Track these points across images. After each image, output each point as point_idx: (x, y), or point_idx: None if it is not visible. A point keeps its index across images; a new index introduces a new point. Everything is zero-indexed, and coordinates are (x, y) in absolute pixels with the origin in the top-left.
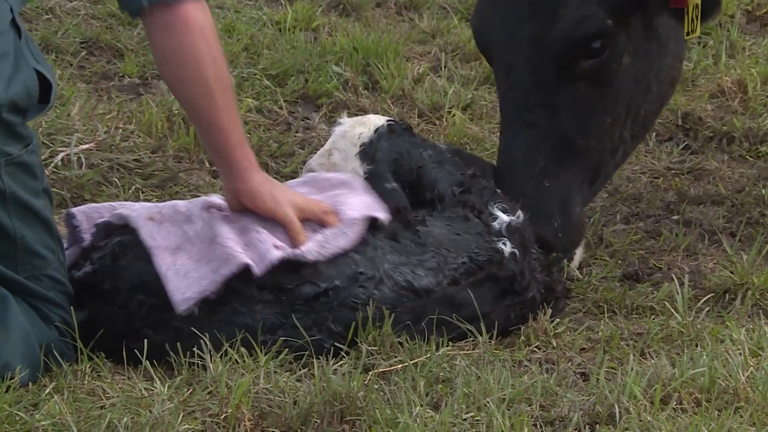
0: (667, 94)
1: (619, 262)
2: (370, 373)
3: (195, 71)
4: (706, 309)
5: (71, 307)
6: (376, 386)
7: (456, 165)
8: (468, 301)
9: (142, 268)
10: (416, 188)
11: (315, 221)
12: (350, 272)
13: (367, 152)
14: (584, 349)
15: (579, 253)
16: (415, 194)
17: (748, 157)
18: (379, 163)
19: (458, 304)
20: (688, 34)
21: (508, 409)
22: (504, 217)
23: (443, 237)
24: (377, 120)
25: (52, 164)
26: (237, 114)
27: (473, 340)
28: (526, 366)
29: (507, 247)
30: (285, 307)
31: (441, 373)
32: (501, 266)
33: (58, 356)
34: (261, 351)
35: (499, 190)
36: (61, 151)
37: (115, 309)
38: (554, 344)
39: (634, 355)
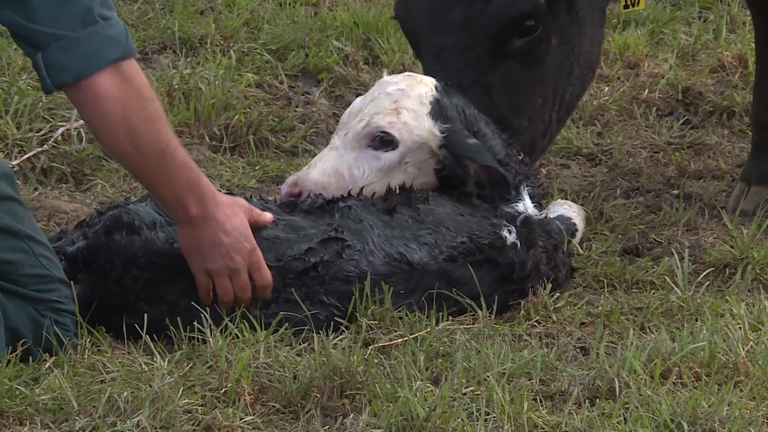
0: (588, 78)
1: (620, 236)
2: (370, 347)
3: (111, 143)
4: (706, 283)
5: (69, 285)
6: (376, 361)
7: (498, 134)
8: (466, 278)
9: (136, 242)
10: None
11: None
12: (337, 247)
13: (438, 111)
14: (584, 323)
15: (580, 229)
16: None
17: (748, 131)
18: (453, 120)
19: (455, 280)
20: (626, 6)
21: (508, 384)
22: (528, 206)
23: (445, 216)
24: (429, 79)
25: (52, 139)
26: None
27: (473, 315)
28: (526, 340)
29: (511, 236)
30: (277, 281)
31: (441, 348)
32: (502, 252)
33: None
34: (260, 326)
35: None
36: (62, 126)
37: (110, 284)
38: (554, 319)
39: (634, 329)
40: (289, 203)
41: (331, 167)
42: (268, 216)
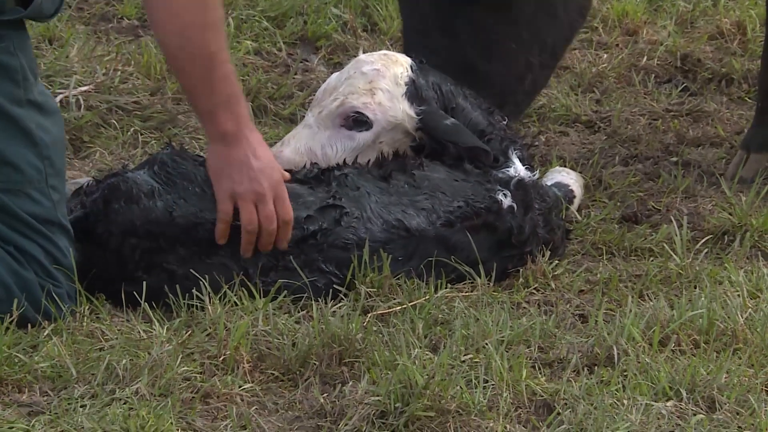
0: (577, 23)
1: (618, 204)
2: (369, 315)
3: (161, 36)
4: (705, 251)
5: (71, 236)
6: (374, 328)
7: (477, 105)
8: (464, 243)
9: (134, 211)
10: None
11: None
12: (336, 214)
13: (413, 92)
14: (583, 291)
15: (578, 196)
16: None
17: (746, 98)
18: (429, 101)
19: (453, 246)
20: None
21: (507, 351)
22: (519, 168)
23: (440, 182)
24: (403, 57)
25: None
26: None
27: (471, 283)
28: (524, 308)
29: (506, 199)
30: (275, 249)
31: (440, 315)
32: (499, 216)
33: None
34: (258, 294)
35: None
36: (60, 93)
37: (108, 253)
38: (553, 286)
39: (632, 296)
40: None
41: (304, 146)
42: (285, 174)
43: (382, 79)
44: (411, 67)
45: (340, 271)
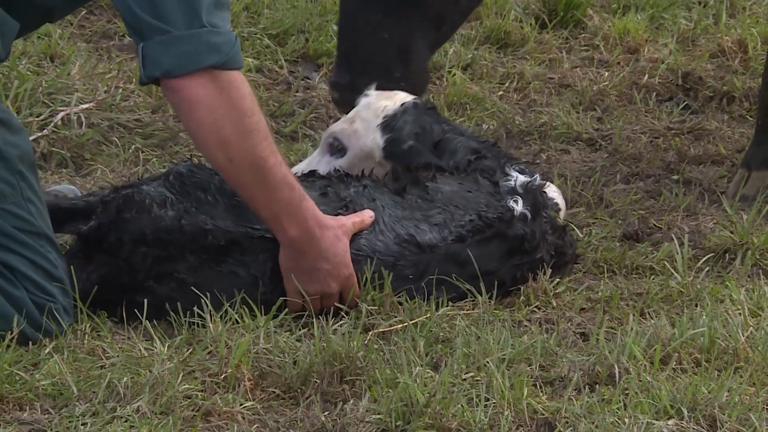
0: None
1: (619, 222)
2: (370, 333)
3: (205, 151)
4: (706, 269)
5: (57, 247)
6: (375, 346)
7: (476, 138)
8: (475, 257)
9: (145, 220)
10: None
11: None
12: None
13: (389, 124)
14: (584, 309)
15: (563, 208)
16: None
17: (748, 116)
18: (398, 131)
19: (463, 261)
20: None
21: (508, 369)
22: (520, 177)
23: (453, 194)
24: (404, 96)
25: (52, 123)
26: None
27: (473, 300)
28: (525, 326)
29: (518, 206)
30: None
31: (441, 333)
32: (510, 224)
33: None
34: (261, 310)
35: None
36: (62, 111)
37: (120, 262)
38: (554, 304)
39: (633, 315)
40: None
41: (305, 168)
42: (369, 216)
43: (366, 110)
44: (402, 104)
45: None
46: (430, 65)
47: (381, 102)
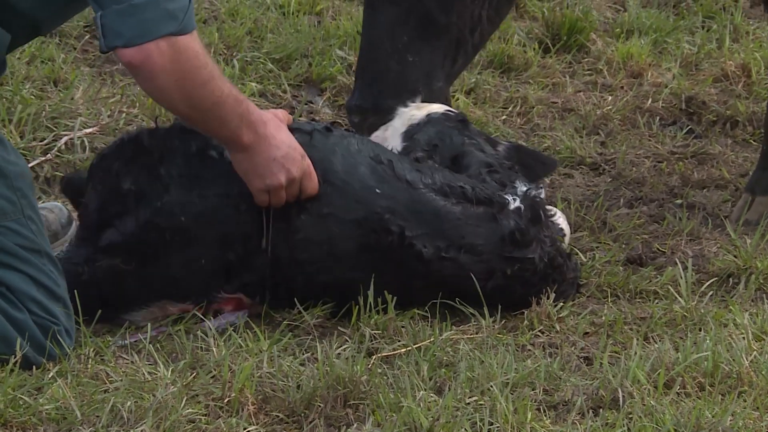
0: None
1: (623, 246)
2: (374, 357)
3: (167, 106)
4: (710, 293)
5: (58, 266)
6: (379, 370)
7: (495, 156)
8: (451, 216)
9: None
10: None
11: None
12: None
13: (410, 132)
14: (588, 333)
15: (568, 234)
16: None
17: (751, 141)
18: (416, 142)
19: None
20: None
21: (512, 394)
22: (522, 186)
23: (446, 172)
24: (436, 108)
25: (56, 148)
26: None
27: (476, 325)
28: (529, 350)
29: (514, 202)
30: None
31: (444, 358)
32: (502, 210)
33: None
34: (264, 335)
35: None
36: (65, 135)
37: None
38: (557, 328)
39: (637, 339)
40: None
41: None
42: (289, 116)
43: (399, 119)
44: (428, 114)
45: None
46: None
47: (412, 111)
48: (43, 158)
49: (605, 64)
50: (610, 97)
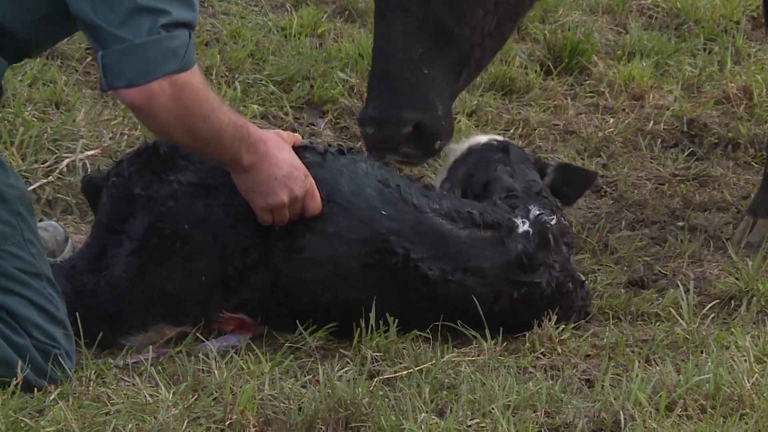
0: (525, 2)
1: (625, 268)
2: (375, 379)
3: (167, 139)
4: (712, 315)
5: (58, 289)
6: (380, 392)
7: (529, 181)
8: (457, 239)
9: None
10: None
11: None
12: None
13: (453, 168)
14: (589, 355)
15: None
16: None
17: (753, 163)
18: (450, 179)
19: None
20: None
21: (513, 416)
22: (535, 210)
23: (455, 199)
24: (479, 138)
25: (58, 170)
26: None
27: (478, 347)
28: (531, 372)
29: (523, 225)
30: None
31: (446, 380)
32: (510, 234)
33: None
34: (265, 357)
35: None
36: (67, 158)
37: None
38: (559, 351)
39: (639, 361)
40: None
41: None
42: (297, 136)
43: (453, 153)
44: (470, 146)
45: None
46: None
47: (458, 145)
48: (45, 180)
49: (607, 86)
50: (611, 120)
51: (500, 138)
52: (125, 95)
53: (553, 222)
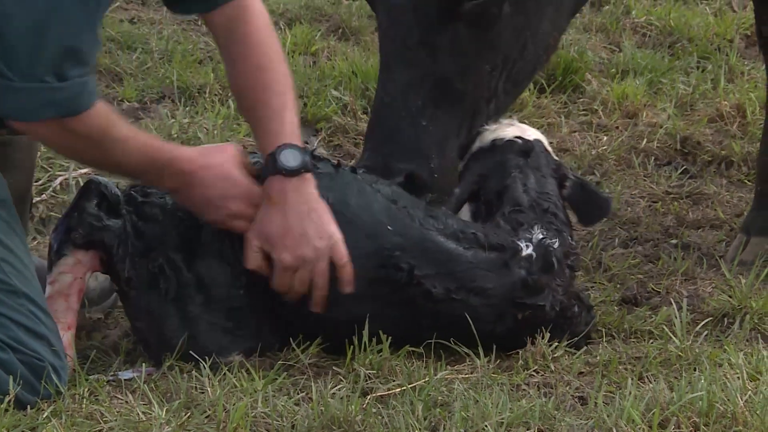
0: (541, 59)
1: (618, 286)
2: (368, 396)
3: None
4: (705, 333)
5: (42, 308)
6: (374, 410)
7: (542, 195)
8: (462, 258)
9: None
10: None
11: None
12: None
13: (476, 155)
14: (582, 373)
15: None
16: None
17: (746, 181)
18: (470, 169)
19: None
20: None
21: None
22: (539, 234)
23: (460, 220)
24: (508, 132)
25: (51, 188)
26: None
27: (471, 364)
28: (524, 390)
29: (527, 249)
30: None
31: (439, 397)
32: (514, 257)
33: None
34: (258, 374)
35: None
36: (60, 176)
37: None
38: (552, 368)
39: (632, 379)
40: None
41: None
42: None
43: (477, 140)
44: (495, 140)
45: None
46: None
47: (485, 134)
48: (38, 198)
49: (600, 104)
50: (605, 137)
51: (529, 133)
52: (11, 122)
53: (556, 245)
